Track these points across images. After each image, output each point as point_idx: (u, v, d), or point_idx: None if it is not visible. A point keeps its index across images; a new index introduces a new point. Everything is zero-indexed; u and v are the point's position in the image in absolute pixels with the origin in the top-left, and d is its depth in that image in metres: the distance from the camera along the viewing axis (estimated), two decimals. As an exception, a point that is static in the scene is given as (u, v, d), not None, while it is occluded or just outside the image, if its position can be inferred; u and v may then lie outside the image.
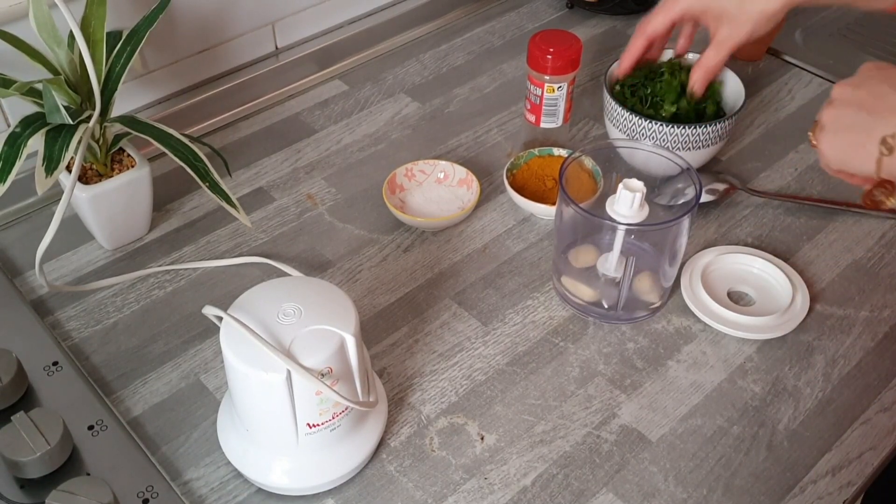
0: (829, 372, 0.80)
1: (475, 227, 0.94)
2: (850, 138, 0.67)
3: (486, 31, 1.23)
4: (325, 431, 0.67)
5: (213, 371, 0.79)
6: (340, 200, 0.97)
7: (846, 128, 0.67)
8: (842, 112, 0.68)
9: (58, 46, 0.79)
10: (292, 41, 1.13)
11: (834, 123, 0.68)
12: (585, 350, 0.82)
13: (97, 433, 0.71)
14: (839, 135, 0.68)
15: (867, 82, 0.68)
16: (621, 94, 0.96)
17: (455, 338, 0.83)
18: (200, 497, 0.70)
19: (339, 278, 0.88)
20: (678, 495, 0.71)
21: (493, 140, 1.05)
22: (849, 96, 0.68)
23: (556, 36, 0.94)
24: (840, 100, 0.69)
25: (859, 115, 0.66)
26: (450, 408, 0.77)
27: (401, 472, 0.72)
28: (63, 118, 0.78)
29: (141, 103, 1.02)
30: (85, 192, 0.84)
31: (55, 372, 0.76)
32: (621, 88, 0.97)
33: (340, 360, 0.64)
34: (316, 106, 1.10)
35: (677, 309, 0.85)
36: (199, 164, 0.83)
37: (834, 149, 0.69)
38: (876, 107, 0.65)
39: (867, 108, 0.66)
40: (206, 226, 0.93)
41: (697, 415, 0.77)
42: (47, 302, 0.85)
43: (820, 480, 0.72)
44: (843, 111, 0.68)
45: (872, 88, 0.67)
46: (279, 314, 0.65)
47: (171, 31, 1.00)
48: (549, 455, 0.74)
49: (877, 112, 0.65)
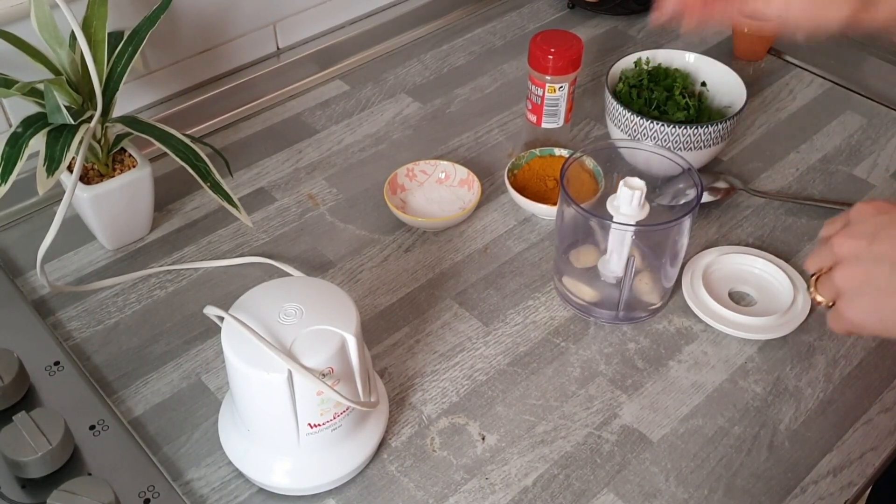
0: (831, 372, 0.80)
1: (476, 227, 0.94)
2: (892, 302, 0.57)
3: (487, 32, 1.23)
4: (326, 431, 0.67)
5: (214, 371, 0.79)
6: (342, 200, 0.97)
7: (883, 291, 0.57)
8: (868, 272, 0.58)
9: (59, 46, 0.79)
10: (293, 41, 1.13)
11: (863, 287, 0.58)
12: (586, 350, 0.82)
13: (98, 433, 0.71)
14: (878, 299, 0.58)
15: (882, 233, 0.58)
16: (627, 96, 0.96)
17: (456, 338, 0.83)
18: (202, 497, 0.70)
19: (341, 278, 0.88)
20: (679, 496, 0.71)
21: (495, 140, 1.05)
22: (869, 254, 0.58)
23: (557, 36, 0.94)
24: (858, 258, 0.58)
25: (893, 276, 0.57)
26: (451, 408, 0.77)
27: (402, 473, 0.72)
28: (64, 118, 0.78)
29: (142, 103, 1.03)
30: (86, 193, 0.84)
31: (56, 372, 0.76)
32: (625, 88, 0.97)
33: (341, 360, 0.64)
34: (317, 106, 1.10)
35: (678, 309, 0.85)
36: (200, 164, 0.83)
37: (872, 314, 0.58)
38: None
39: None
40: (208, 226, 0.93)
41: (698, 415, 0.77)
42: (49, 302, 0.85)
43: (821, 481, 0.72)
44: (869, 271, 0.58)
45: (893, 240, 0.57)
46: (280, 314, 0.65)
47: (173, 32, 1.00)
48: (551, 455, 0.74)
49: None
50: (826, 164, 1.02)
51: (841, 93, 1.12)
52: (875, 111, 1.09)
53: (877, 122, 1.07)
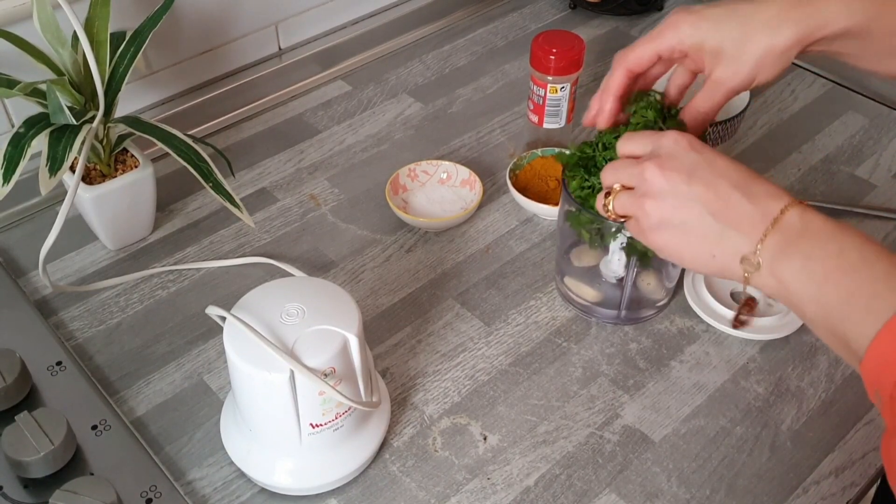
0: (832, 373, 0.80)
1: (478, 227, 0.94)
2: (701, 248, 0.59)
3: (488, 32, 1.23)
4: (328, 431, 0.67)
5: (216, 371, 0.79)
6: (343, 201, 0.97)
7: (692, 233, 0.59)
8: (680, 210, 0.59)
9: (61, 47, 0.79)
10: (295, 42, 1.13)
11: (672, 221, 0.60)
12: (588, 350, 0.82)
13: (101, 433, 0.71)
14: (685, 239, 0.60)
15: (699, 173, 0.59)
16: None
17: (458, 338, 0.83)
18: (204, 497, 0.70)
19: (342, 278, 0.88)
20: (681, 496, 0.71)
21: (496, 140, 1.05)
22: (685, 192, 0.59)
23: (558, 36, 0.94)
24: (673, 193, 0.60)
25: (706, 222, 0.58)
26: (453, 408, 0.77)
27: (404, 473, 0.72)
28: (67, 119, 0.78)
29: (144, 104, 1.03)
30: (88, 193, 0.84)
31: (59, 372, 0.76)
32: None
33: (343, 360, 0.64)
34: (319, 106, 1.10)
35: (680, 309, 0.85)
36: (202, 164, 0.83)
37: (675, 248, 0.61)
38: (727, 216, 0.58)
39: (715, 214, 0.58)
40: (210, 226, 0.94)
41: (700, 415, 0.77)
42: (51, 302, 0.85)
43: (823, 481, 0.72)
44: (681, 209, 0.59)
45: (712, 185, 0.58)
46: (282, 314, 0.65)
47: (175, 32, 1.00)
48: (552, 455, 0.74)
49: (729, 223, 0.58)
50: (828, 164, 1.02)
51: (843, 93, 1.12)
52: (877, 111, 1.09)
53: (878, 123, 1.07)
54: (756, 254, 0.56)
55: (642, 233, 0.63)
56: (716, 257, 0.59)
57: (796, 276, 0.55)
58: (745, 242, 0.57)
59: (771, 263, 0.56)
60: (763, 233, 0.56)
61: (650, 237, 0.62)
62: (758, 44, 0.67)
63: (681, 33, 0.69)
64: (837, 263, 0.54)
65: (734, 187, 0.58)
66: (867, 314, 0.51)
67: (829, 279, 0.54)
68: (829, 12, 0.65)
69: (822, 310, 0.54)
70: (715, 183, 0.59)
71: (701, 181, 0.59)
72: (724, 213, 0.58)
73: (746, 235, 0.57)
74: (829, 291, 0.54)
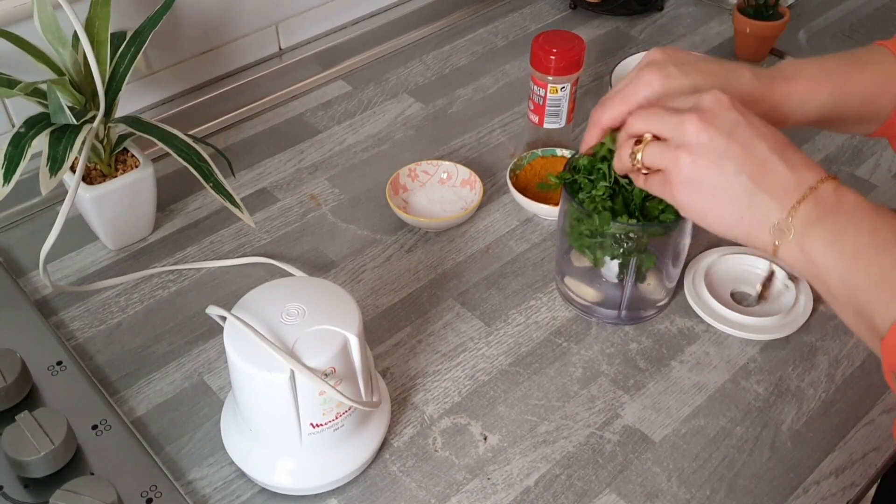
0: (833, 373, 0.80)
1: (478, 227, 0.94)
2: (730, 208, 0.58)
3: (489, 32, 1.23)
4: (328, 431, 0.67)
5: (216, 371, 0.79)
6: (344, 201, 0.97)
7: (723, 192, 0.58)
8: (715, 167, 0.57)
9: (62, 47, 0.79)
10: (296, 42, 1.13)
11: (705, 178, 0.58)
12: (588, 350, 0.82)
13: (101, 433, 0.71)
14: (715, 197, 0.58)
15: (738, 132, 0.57)
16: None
17: (458, 338, 0.83)
18: (204, 497, 0.70)
19: (343, 278, 0.88)
20: (681, 496, 0.71)
21: (497, 141, 1.05)
22: (721, 148, 0.57)
23: (559, 36, 0.94)
24: (709, 148, 0.58)
25: (740, 182, 0.57)
26: (453, 408, 0.77)
27: (404, 473, 0.72)
28: (67, 119, 0.78)
29: (145, 104, 1.03)
30: (89, 193, 0.84)
31: (59, 372, 0.76)
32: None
33: (344, 360, 0.64)
34: (319, 106, 1.10)
35: (680, 309, 0.85)
36: (202, 164, 0.83)
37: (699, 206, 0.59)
38: (763, 179, 0.56)
39: (750, 174, 0.57)
40: (210, 226, 0.94)
41: (700, 415, 0.77)
42: (51, 302, 0.85)
43: (823, 481, 0.72)
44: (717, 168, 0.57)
45: (750, 146, 0.57)
46: (283, 314, 0.65)
47: (175, 32, 1.00)
48: (552, 455, 0.74)
49: (763, 187, 0.56)
50: (828, 164, 1.02)
51: (843, 93, 1.12)
52: (877, 111, 1.09)
53: (879, 123, 1.07)
54: (788, 221, 0.56)
55: (669, 186, 0.60)
56: (743, 219, 0.58)
57: (825, 251, 0.54)
58: (776, 209, 0.56)
59: (800, 234, 0.55)
60: (797, 201, 0.56)
61: (677, 193, 0.60)
62: None
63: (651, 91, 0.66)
64: (870, 241, 0.53)
65: (772, 151, 0.57)
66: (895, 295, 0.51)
67: (861, 257, 0.53)
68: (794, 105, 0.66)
69: (849, 287, 0.54)
70: (753, 144, 0.57)
71: (740, 141, 0.57)
72: (760, 176, 0.57)
73: (779, 202, 0.56)
74: (859, 269, 0.53)
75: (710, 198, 0.58)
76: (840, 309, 0.56)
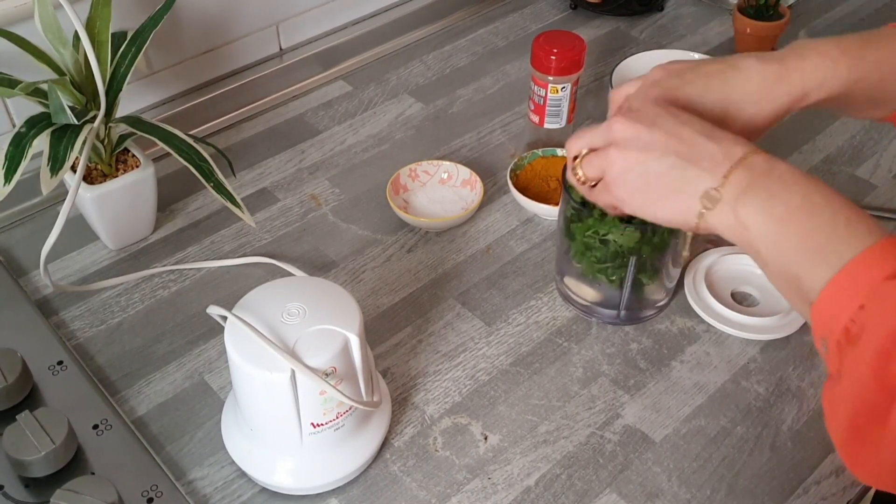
0: (833, 373, 0.80)
1: (479, 227, 0.94)
2: (665, 190, 0.59)
3: (489, 32, 1.23)
4: (328, 431, 0.67)
5: (217, 371, 0.80)
6: (344, 201, 0.97)
7: (656, 176, 0.59)
8: (641, 155, 0.60)
9: (63, 47, 0.80)
10: (296, 42, 1.13)
11: (634, 167, 0.60)
12: (589, 350, 0.82)
13: (102, 432, 0.71)
14: (648, 184, 0.60)
15: (659, 121, 0.60)
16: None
17: (458, 338, 0.83)
18: (204, 496, 0.70)
19: (343, 278, 0.88)
20: (682, 496, 0.71)
21: (497, 141, 1.05)
22: (646, 137, 0.60)
23: (559, 37, 0.94)
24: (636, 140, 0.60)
25: (669, 162, 0.59)
26: (453, 408, 0.77)
27: (404, 472, 0.72)
28: (68, 118, 0.78)
29: (145, 104, 1.03)
30: (89, 193, 0.84)
31: (60, 371, 0.76)
32: None
33: (344, 359, 0.64)
34: (320, 107, 1.10)
35: (681, 310, 0.85)
36: (203, 164, 0.83)
37: (635, 195, 0.61)
38: (692, 155, 0.58)
39: (677, 153, 0.59)
40: (211, 226, 0.94)
41: (701, 415, 0.77)
42: (52, 302, 0.85)
43: (824, 481, 0.72)
44: (642, 154, 0.60)
45: (675, 131, 0.59)
46: (283, 314, 0.65)
47: (176, 32, 1.00)
48: (553, 455, 0.74)
49: (693, 162, 0.58)
50: (829, 164, 1.02)
51: (843, 93, 1.12)
52: (877, 112, 1.09)
53: (879, 124, 1.07)
54: (718, 190, 0.57)
55: (607, 188, 0.63)
56: (679, 195, 0.59)
57: (757, 214, 0.55)
58: (707, 179, 0.57)
59: (732, 200, 0.56)
60: (727, 169, 0.57)
61: (615, 189, 0.62)
62: (736, 122, 0.66)
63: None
64: (801, 204, 0.54)
65: (698, 133, 0.59)
66: (825, 258, 0.51)
67: (791, 220, 0.54)
68: (810, 85, 0.65)
69: (779, 251, 0.54)
70: (678, 129, 0.60)
71: (663, 128, 0.60)
72: (688, 154, 0.58)
73: (710, 172, 0.57)
74: (789, 232, 0.54)
75: (643, 185, 0.60)
76: (772, 276, 0.56)
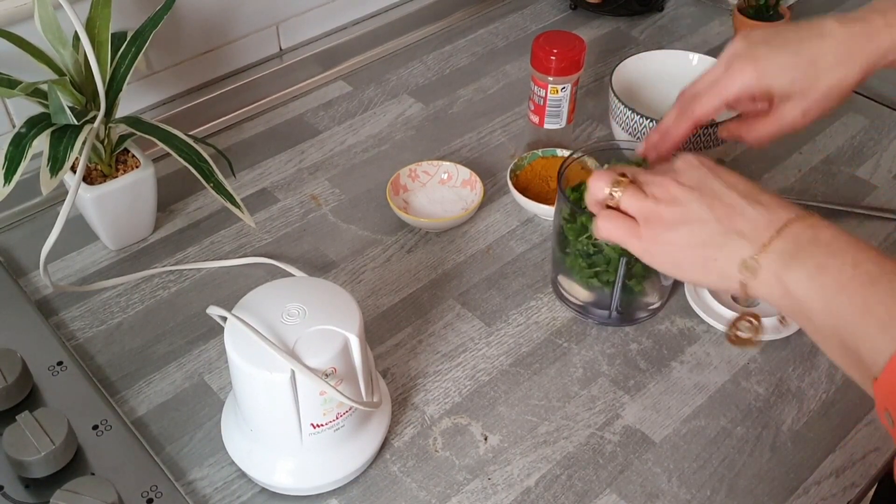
0: (833, 373, 0.80)
1: (479, 227, 0.94)
2: (703, 253, 0.59)
3: (489, 33, 1.23)
4: (328, 431, 0.67)
5: (217, 371, 0.79)
6: (344, 201, 0.97)
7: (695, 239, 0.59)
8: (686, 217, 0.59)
9: (63, 47, 0.79)
10: (296, 42, 1.13)
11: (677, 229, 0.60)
12: (589, 351, 0.82)
13: (101, 433, 0.71)
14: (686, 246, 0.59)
15: (706, 184, 0.60)
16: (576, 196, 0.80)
17: (458, 338, 0.83)
18: (204, 497, 0.70)
19: (343, 279, 0.88)
20: (682, 496, 0.71)
21: (497, 141, 1.05)
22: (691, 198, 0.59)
23: (559, 37, 0.94)
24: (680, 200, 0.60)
25: (710, 228, 0.58)
26: (453, 408, 0.77)
27: (404, 473, 0.72)
28: (68, 119, 0.78)
29: (145, 104, 1.03)
30: (89, 193, 0.84)
31: (60, 372, 0.76)
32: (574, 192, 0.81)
33: (344, 360, 0.64)
34: (320, 107, 1.10)
35: (681, 310, 0.85)
36: (203, 164, 0.83)
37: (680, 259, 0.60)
38: (732, 221, 0.58)
39: (719, 218, 0.58)
40: (211, 226, 0.94)
41: (701, 416, 0.77)
42: (52, 302, 0.85)
43: (824, 482, 0.72)
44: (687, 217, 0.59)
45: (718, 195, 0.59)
46: (283, 314, 0.65)
47: (176, 33, 1.00)
48: (553, 456, 0.74)
49: (734, 228, 0.58)
50: (829, 164, 1.02)
51: (843, 94, 1.12)
52: (877, 112, 1.09)
53: (879, 124, 1.07)
54: (756, 259, 0.56)
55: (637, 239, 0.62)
56: (717, 262, 0.58)
57: (806, 285, 0.54)
58: (747, 247, 0.57)
59: (778, 270, 0.55)
60: (768, 238, 0.56)
61: (649, 244, 0.61)
62: (827, 84, 0.68)
63: (746, 80, 0.70)
64: (854, 275, 0.52)
65: (742, 196, 0.58)
66: (885, 330, 0.50)
67: (844, 291, 0.52)
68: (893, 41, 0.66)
69: (834, 321, 0.53)
70: (722, 192, 0.59)
71: (708, 191, 0.60)
72: (730, 219, 0.58)
73: (750, 241, 0.57)
74: (843, 303, 0.52)
75: (684, 247, 0.60)
76: (825, 344, 0.55)
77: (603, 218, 0.63)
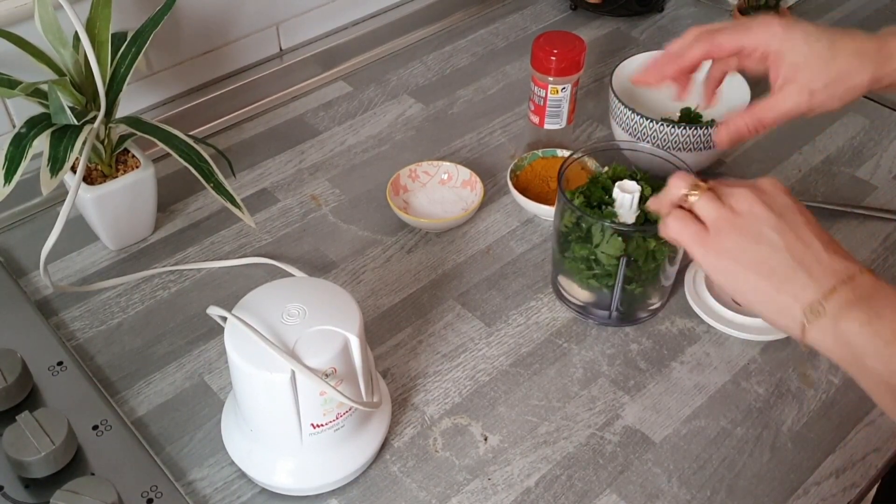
0: (833, 373, 0.80)
1: (479, 228, 0.94)
2: (767, 282, 0.58)
3: (489, 33, 1.23)
4: (328, 432, 0.67)
5: (217, 371, 0.79)
6: (344, 201, 0.97)
7: (763, 264, 0.58)
8: (761, 240, 0.58)
9: (63, 47, 0.80)
10: (296, 42, 1.13)
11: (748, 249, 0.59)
12: (589, 351, 0.82)
13: (101, 433, 0.71)
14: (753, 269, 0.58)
15: (789, 215, 0.59)
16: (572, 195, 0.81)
17: (458, 339, 0.83)
18: (204, 497, 0.70)
19: (343, 279, 0.88)
20: (682, 496, 0.71)
21: (497, 141, 1.05)
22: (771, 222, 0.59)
23: (559, 37, 0.94)
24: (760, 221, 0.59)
25: (781, 258, 0.58)
26: (453, 408, 0.77)
27: (404, 473, 0.72)
28: (68, 119, 0.78)
29: (146, 104, 1.03)
30: (90, 193, 0.84)
31: (60, 372, 0.76)
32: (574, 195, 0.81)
33: (344, 360, 0.64)
34: (320, 107, 1.10)
35: (681, 310, 0.85)
36: (203, 164, 0.83)
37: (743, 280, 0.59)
38: (804, 258, 0.57)
39: (793, 252, 0.58)
40: (211, 227, 0.94)
41: (701, 416, 0.77)
42: (52, 302, 0.85)
43: (824, 482, 0.72)
44: (763, 240, 0.58)
45: (797, 228, 0.59)
46: (283, 315, 0.65)
47: (176, 33, 1.00)
48: (553, 456, 0.74)
49: (804, 266, 0.57)
50: (829, 165, 1.02)
51: (843, 94, 1.12)
52: (877, 112, 1.09)
53: (879, 124, 1.07)
54: (824, 302, 0.56)
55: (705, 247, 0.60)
56: (779, 293, 0.57)
57: (861, 331, 0.54)
58: (813, 289, 0.56)
59: (835, 316, 0.55)
60: (835, 285, 0.56)
61: (716, 255, 0.60)
62: (838, 70, 0.69)
63: (771, 34, 0.71)
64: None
65: (817, 237, 0.58)
66: None
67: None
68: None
69: (887, 367, 0.53)
70: (801, 228, 0.59)
71: (789, 221, 0.59)
72: (802, 255, 0.57)
73: (818, 283, 0.56)
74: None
75: (750, 267, 0.59)
76: (877, 391, 0.55)
77: (674, 217, 0.62)
